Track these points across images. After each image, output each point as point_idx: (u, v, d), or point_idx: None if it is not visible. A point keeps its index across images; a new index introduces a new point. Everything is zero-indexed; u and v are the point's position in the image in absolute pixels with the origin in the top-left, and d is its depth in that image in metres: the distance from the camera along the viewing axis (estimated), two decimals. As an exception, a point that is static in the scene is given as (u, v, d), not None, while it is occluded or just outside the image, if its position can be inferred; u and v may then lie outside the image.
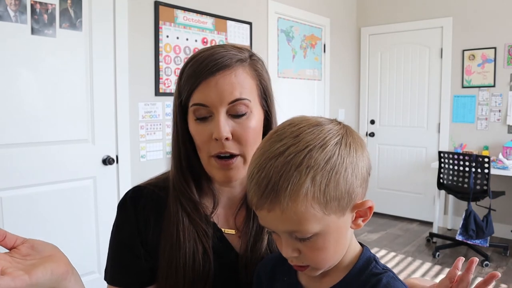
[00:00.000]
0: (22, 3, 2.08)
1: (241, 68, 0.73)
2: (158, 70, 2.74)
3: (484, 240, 3.32)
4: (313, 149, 0.53)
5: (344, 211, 0.56)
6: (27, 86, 2.14)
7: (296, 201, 0.52)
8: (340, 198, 0.54)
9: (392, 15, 4.62)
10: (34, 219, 2.19)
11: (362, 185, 0.58)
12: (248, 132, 0.72)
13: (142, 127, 2.68)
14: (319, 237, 0.56)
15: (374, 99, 4.85)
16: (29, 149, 2.16)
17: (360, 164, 0.57)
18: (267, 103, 0.78)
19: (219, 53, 0.72)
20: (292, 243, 0.57)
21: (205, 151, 0.74)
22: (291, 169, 0.52)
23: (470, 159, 3.38)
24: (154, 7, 2.70)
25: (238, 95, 0.71)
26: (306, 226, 0.54)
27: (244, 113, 0.72)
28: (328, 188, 0.53)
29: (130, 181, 2.60)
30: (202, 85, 0.71)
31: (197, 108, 0.72)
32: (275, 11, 3.67)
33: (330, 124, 0.58)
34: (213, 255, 0.75)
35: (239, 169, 0.74)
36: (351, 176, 0.55)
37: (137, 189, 0.81)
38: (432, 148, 4.42)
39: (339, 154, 0.55)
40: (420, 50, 4.46)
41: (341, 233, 0.58)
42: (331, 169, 0.53)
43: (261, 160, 0.55)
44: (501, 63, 3.99)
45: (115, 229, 0.82)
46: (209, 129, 0.72)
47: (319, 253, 0.57)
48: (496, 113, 4.05)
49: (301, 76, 4.06)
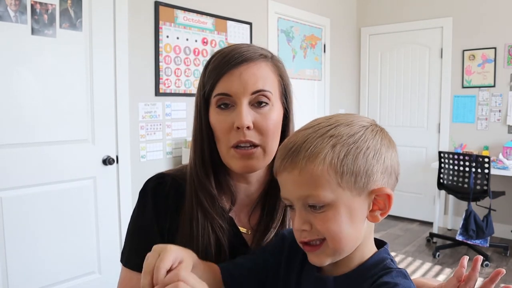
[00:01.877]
0: (22, 3, 2.08)
1: (264, 63, 0.76)
2: (158, 70, 2.74)
3: (484, 240, 3.32)
4: (340, 125, 0.58)
5: (360, 192, 0.56)
6: (27, 86, 2.14)
7: (313, 162, 0.55)
8: (357, 174, 0.55)
9: (392, 15, 4.62)
10: (34, 219, 2.19)
11: (383, 174, 0.58)
12: (269, 123, 0.74)
13: (142, 127, 2.68)
14: (331, 209, 0.56)
15: (374, 99, 4.85)
16: (29, 149, 2.16)
17: (384, 153, 0.58)
18: (287, 101, 0.80)
19: (244, 48, 0.76)
20: (305, 215, 0.57)
21: (225, 142, 0.74)
22: (316, 136, 0.57)
23: (470, 159, 3.38)
24: (154, 7, 2.70)
25: (261, 86, 0.73)
26: (319, 191, 0.55)
27: (266, 105, 0.74)
28: (346, 159, 0.55)
29: (130, 181, 2.60)
30: (226, 75, 0.73)
31: (220, 98, 0.74)
32: (275, 11, 3.67)
33: (365, 118, 0.62)
34: (228, 249, 0.76)
35: (259, 159, 0.75)
36: (372, 158, 0.57)
37: (160, 175, 0.83)
38: (432, 148, 4.42)
39: (363, 134, 0.58)
40: (420, 50, 4.46)
41: (355, 215, 0.57)
42: (353, 142, 0.56)
43: (296, 132, 0.61)
44: (501, 63, 3.99)
45: (135, 214, 0.83)
46: (231, 118, 0.73)
47: (330, 224, 0.56)
48: (496, 113, 4.05)
49: (301, 76, 4.06)
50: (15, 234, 2.12)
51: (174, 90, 2.85)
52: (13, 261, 2.11)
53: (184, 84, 2.90)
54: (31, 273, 2.17)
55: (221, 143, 0.75)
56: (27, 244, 2.16)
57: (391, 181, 0.60)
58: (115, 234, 2.55)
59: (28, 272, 2.16)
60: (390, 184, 0.60)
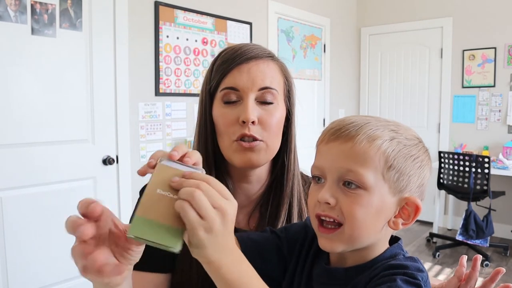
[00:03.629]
0: (22, 3, 2.08)
1: (272, 62, 0.78)
2: (158, 70, 2.74)
3: (484, 240, 3.32)
4: (400, 125, 0.60)
5: (396, 192, 0.57)
6: (27, 86, 2.14)
7: (371, 143, 0.56)
8: (402, 174, 0.57)
9: (392, 15, 4.62)
10: (34, 219, 2.19)
11: (419, 187, 0.59)
12: (273, 120, 0.75)
13: (142, 127, 2.68)
14: (365, 194, 0.55)
15: (374, 99, 4.85)
16: (29, 149, 2.16)
17: (426, 171, 0.60)
18: (290, 102, 0.81)
19: (253, 46, 0.78)
20: (335, 190, 0.57)
21: (227, 135, 0.74)
22: (378, 124, 0.58)
23: (470, 159, 3.38)
24: (154, 7, 2.70)
25: (268, 83, 0.75)
26: (365, 170, 0.55)
27: (271, 102, 0.75)
28: (398, 155, 0.57)
29: (130, 181, 2.60)
30: (234, 70, 0.74)
31: (227, 92, 0.74)
32: (275, 11, 3.67)
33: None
34: None
35: (260, 153, 0.74)
36: (418, 168, 0.58)
37: None
38: (432, 148, 4.42)
39: (418, 144, 0.60)
40: (420, 50, 4.46)
41: (383, 211, 0.57)
42: (409, 145, 0.58)
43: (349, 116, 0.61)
44: (501, 63, 3.99)
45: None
46: (236, 112, 0.73)
47: (356, 209, 0.55)
48: (496, 113, 4.05)
49: (301, 76, 4.06)
50: (15, 234, 2.11)
51: (174, 90, 2.85)
52: (13, 261, 2.11)
53: (184, 84, 2.90)
54: (31, 273, 2.17)
55: (223, 136, 0.75)
56: (27, 244, 2.16)
57: (421, 196, 0.60)
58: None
59: (28, 272, 2.16)
60: (419, 195, 0.60)
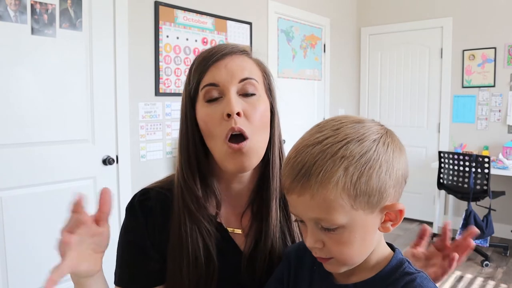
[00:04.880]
0: (22, 3, 2.08)
1: (247, 57, 0.78)
2: (158, 70, 2.74)
3: (484, 240, 3.32)
4: (351, 141, 0.54)
5: (373, 209, 0.56)
6: (27, 86, 2.14)
7: (326, 187, 0.53)
8: (371, 194, 0.54)
9: (392, 15, 4.62)
10: (34, 219, 2.19)
11: (395, 187, 0.57)
12: (257, 112, 0.74)
13: (142, 127, 2.68)
14: (345, 231, 0.55)
15: (374, 99, 4.85)
16: (29, 149, 2.16)
17: (395, 166, 0.57)
18: (271, 95, 0.80)
19: (227, 44, 0.78)
20: (317, 234, 0.57)
21: (217, 136, 0.73)
22: (326, 157, 0.53)
23: (470, 159, 3.38)
24: (154, 7, 2.70)
25: (247, 74, 0.74)
26: (333, 215, 0.54)
27: (254, 93, 0.75)
28: (359, 181, 0.53)
29: (130, 181, 2.60)
30: (212, 67, 0.75)
31: (208, 90, 0.74)
32: (275, 11, 3.67)
33: (372, 123, 0.59)
34: (217, 254, 0.75)
35: (252, 156, 0.73)
36: (385, 174, 0.55)
37: (144, 191, 0.81)
38: (432, 148, 4.42)
39: (376, 151, 0.55)
40: (420, 50, 4.46)
41: (368, 231, 0.58)
42: (366, 163, 0.54)
43: (300, 147, 0.57)
44: (501, 63, 3.99)
45: (123, 231, 0.82)
46: (220, 109, 0.72)
47: (343, 248, 0.57)
48: (496, 113, 4.05)
49: (301, 76, 4.06)
50: (15, 234, 2.11)
51: (174, 90, 2.85)
52: (13, 261, 2.11)
53: (184, 84, 2.90)
54: (31, 273, 2.17)
55: (213, 138, 0.73)
56: (27, 244, 2.16)
57: (402, 188, 0.59)
58: (115, 234, 2.54)
59: (28, 272, 2.16)
60: (400, 192, 0.60)
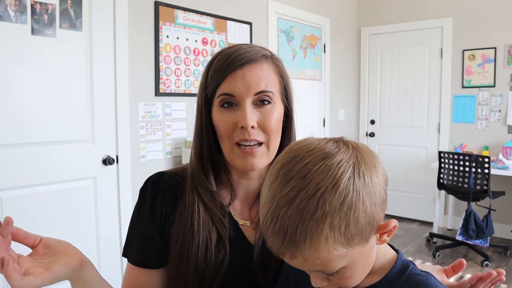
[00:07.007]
0: (22, 3, 2.08)
1: (265, 63, 0.78)
2: (158, 70, 2.74)
3: (484, 240, 3.32)
4: (325, 191, 0.50)
5: (368, 239, 0.55)
6: (27, 86, 2.14)
7: (317, 249, 0.50)
8: (362, 231, 0.53)
9: (392, 15, 4.62)
10: (34, 219, 2.18)
11: (382, 207, 0.55)
12: (271, 121, 0.76)
13: (142, 127, 2.68)
14: (347, 268, 0.56)
15: (374, 99, 4.85)
16: (29, 149, 2.16)
17: (377, 190, 0.54)
18: (287, 99, 0.82)
19: (246, 49, 0.77)
20: (321, 276, 0.57)
21: (229, 139, 0.76)
22: (306, 219, 0.50)
23: (470, 159, 3.38)
24: (154, 7, 2.69)
25: (263, 87, 0.75)
26: (331, 265, 0.54)
27: (268, 102, 0.76)
28: (348, 229, 0.51)
29: (130, 181, 2.60)
30: (229, 77, 0.75)
31: (224, 98, 0.76)
32: (275, 11, 3.67)
33: (338, 154, 0.53)
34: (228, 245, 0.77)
35: (262, 157, 0.77)
36: (370, 207, 0.52)
37: (159, 174, 0.85)
38: (432, 148, 4.42)
39: (354, 190, 0.51)
40: (420, 50, 4.46)
41: (368, 257, 0.59)
42: (348, 209, 0.50)
43: (273, 207, 0.52)
44: (501, 63, 3.99)
45: (136, 211, 0.85)
46: (235, 117, 0.75)
47: (349, 279, 0.58)
48: (496, 113, 4.05)
49: (301, 76, 4.06)
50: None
51: (174, 90, 2.84)
52: (13, 261, 2.11)
53: (184, 84, 2.90)
54: (31, 273, 2.17)
55: (224, 140, 0.77)
56: (27, 244, 2.16)
57: (386, 201, 0.57)
58: (115, 234, 2.55)
59: (28, 272, 2.16)
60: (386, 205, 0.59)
